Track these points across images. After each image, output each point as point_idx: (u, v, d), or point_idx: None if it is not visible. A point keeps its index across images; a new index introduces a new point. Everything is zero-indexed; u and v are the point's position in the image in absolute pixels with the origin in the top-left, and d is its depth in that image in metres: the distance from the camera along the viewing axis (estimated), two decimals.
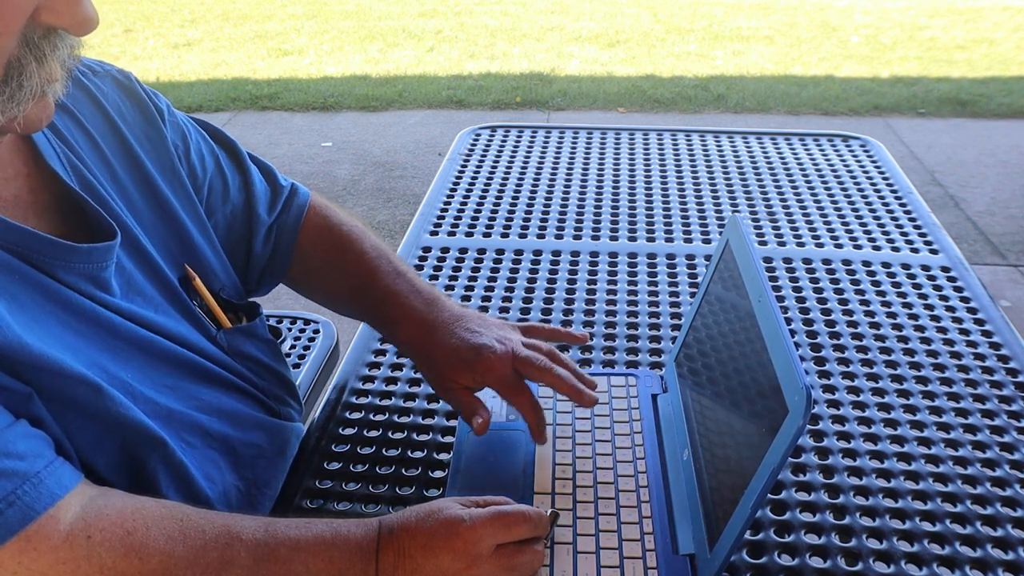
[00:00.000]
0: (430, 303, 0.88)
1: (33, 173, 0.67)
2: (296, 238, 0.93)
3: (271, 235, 0.92)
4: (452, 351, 0.83)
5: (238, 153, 0.91)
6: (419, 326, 0.86)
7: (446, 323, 0.85)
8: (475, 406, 0.82)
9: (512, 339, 0.84)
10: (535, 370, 0.81)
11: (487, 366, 0.81)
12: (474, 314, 0.88)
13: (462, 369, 0.82)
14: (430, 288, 0.90)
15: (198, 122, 0.89)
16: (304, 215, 0.94)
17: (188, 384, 0.74)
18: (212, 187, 0.86)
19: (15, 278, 0.61)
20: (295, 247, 0.93)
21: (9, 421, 0.57)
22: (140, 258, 0.73)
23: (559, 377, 0.81)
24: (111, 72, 0.80)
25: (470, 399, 0.83)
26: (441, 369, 0.84)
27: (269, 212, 0.92)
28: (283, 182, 0.95)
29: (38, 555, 0.55)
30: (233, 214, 0.89)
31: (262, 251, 0.91)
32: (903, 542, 0.76)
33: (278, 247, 0.93)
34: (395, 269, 0.91)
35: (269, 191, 0.93)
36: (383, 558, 0.64)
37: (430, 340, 0.85)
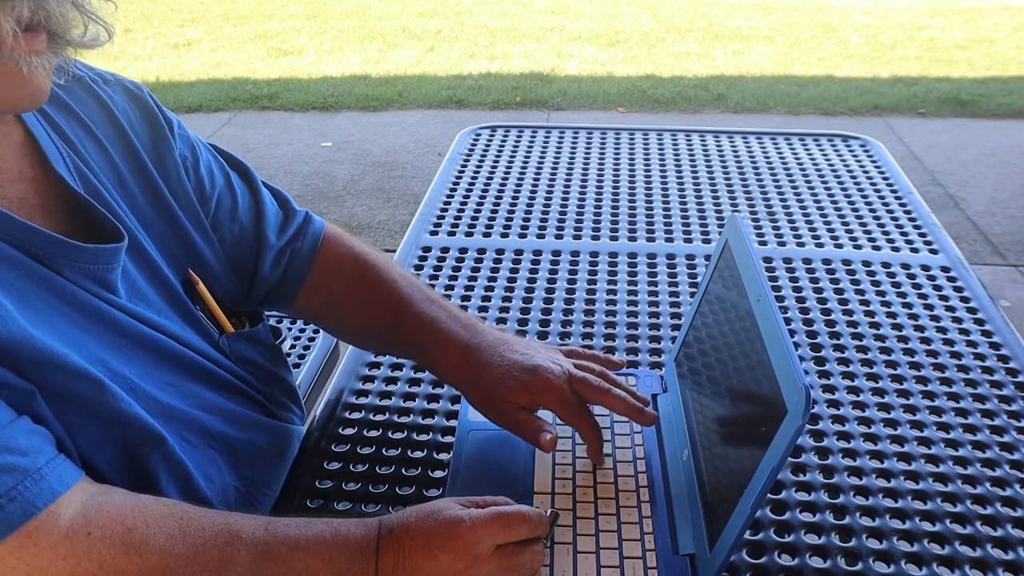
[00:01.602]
0: (470, 328, 0.86)
1: (39, 176, 0.67)
2: (311, 266, 0.91)
3: (282, 259, 0.89)
4: (505, 373, 0.81)
5: (250, 176, 0.90)
6: (463, 352, 0.84)
7: (492, 346, 0.84)
8: (539, 423, 0.79)
9: (563, 361, 0.83)
10: (594, 391, 0.80)
11: (545, 386, 0.79)
12: (517, 337, 0.86)
13: (518, 390, 0.80)
14: (466, 314, 0.89)
15: (213, 147, 0.89)
16: (320, 243, 0.92)
17: (190, 384, 0.74)
18: (220, 202, 0.85)
19: (21, 273, 0.61)
20: (311, 277, 0.91)
21: (11, 417, 0.57)
22: (143, 262, 0.73)
23: (618, 398, 0.80)
24: (122, 82, 0.80)
25: (531, 418, 0.80)
26: (494, 391, 0.81)
27: (279, 235, 0.90)
28: (297, 209, 0.93)
29: (38, 551, 0.55)
30: (241, 233, 0.87)
31: (270, 274, 0.89)
32: (903, 542, 0.76)
33: (289, 272, 0.90)
34: (428, 297, 0.89)
35: (281, 215, 0.91)
36: (383, 558, 0.64)
37: (476, 364, 0.83)
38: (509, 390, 0.80)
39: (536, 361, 0.81)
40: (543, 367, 0.80)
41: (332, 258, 0.92)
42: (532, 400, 0.80)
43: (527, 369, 0.80)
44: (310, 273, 0.91)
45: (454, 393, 0.95)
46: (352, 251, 0.93)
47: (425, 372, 0.99)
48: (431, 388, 0.96)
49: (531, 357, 0.82)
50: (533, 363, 0.81)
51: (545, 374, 0.80)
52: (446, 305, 0.89)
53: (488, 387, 0.82)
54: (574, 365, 0.83)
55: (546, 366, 0.81)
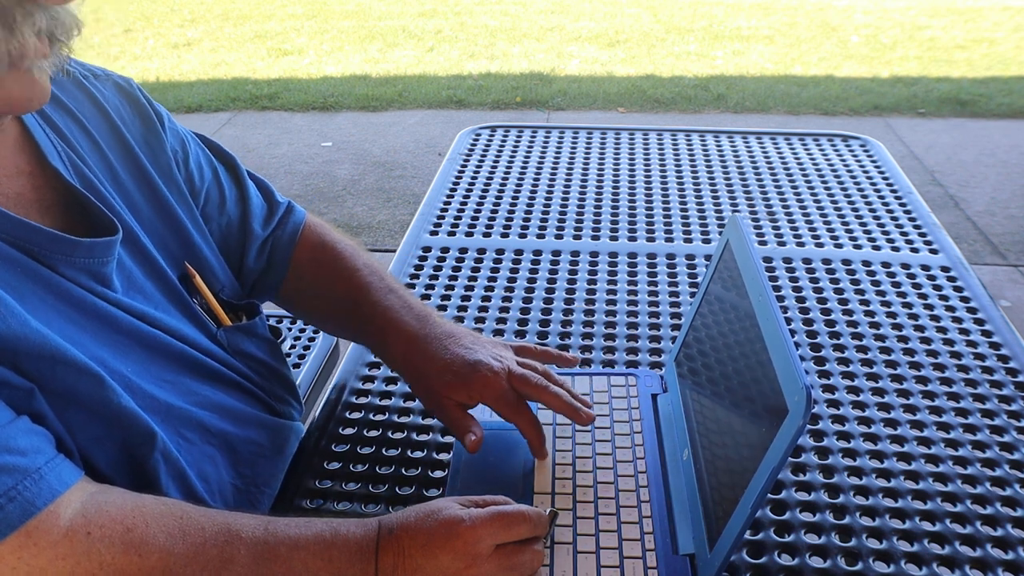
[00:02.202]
0: (422, 319, 0.87)
1: (35, 171, 0.67)
2: (291, 254, 0.93)
3: (264, 249, 0.92)
4: (445, 366, 0.81)
5: (236, 168, 0.92)
6: (410, 341, 0.85)
7: (438, 338, 0.84)
8: (468, 423, 0.80)
9: (506, 357, 0.83)
10: (531, 388, 0.80)
11: (483, 382, 0.80)
12: (466, 331, 0.87)
13: (456, 385, 0.80)
14: (422, 305, 0.89)
15: (198, 136, 0.90)
16: (300, 232, 0.94)
17: (188, 380, 0.74)
18: (209, 196, 0.87)
19: (17, 271, 0.61)
20: (292, 266, 0.93)
21: (11, 417, 0.57)
22: (140, 256, 0.73)
23: (555, 395, 0.81)
24: (112, 77, 0.80)
25: (462, 416, 0.81)
26: (433, 385, 0.82)
27: (264, 227, 0.92)
28: (280, 199, 0.95)
29: (38, 551, 0.55)
30: (228, 226, 0.89)
31: (255, 265, 0.91)
32: (903, 542, 0.76)
33: (272, 262, 0.92)
34: (387, 286, 0.90)
35: (265, 207, 0.93)
36: (383, 558, 0.64)
37: (422, 355, 0.83)
38: (448, 385, 0.81)
39: (477, 356, 0.81)
40: (483, 363, 0.81)
41: (306, 246, 0.94)
42: (469, 395, 0.81)
43: (468, 364, 0.81)
44: (291, 262, 0.93)
45: None
46: (323, 239, 0.95)
47: None
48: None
49: (474, 352, 0.82)
50: (474, 358, 0.81)
51: (483, 370, 0.80)
52: (404, 296, 0.90)
53: (428, 379, 0.82)
54: (518, 362, 0.83)
55: (486, 362, 0.81)
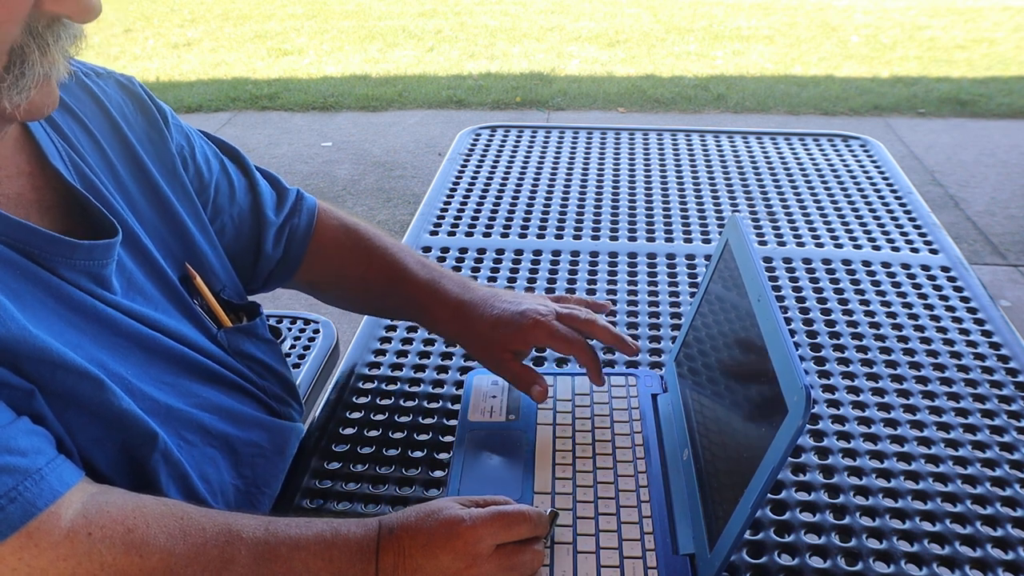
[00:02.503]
0: (462, 285, 0.92)
1: (36, 171, 0.67)
2: (309, 240, 0.95)
3: (282, 237, 0.93)
4: (496, 321, 0.87)
5: (242, 160, 0.93)
6: (457, 308, 0.90)
7: (483, 299, 0.90)
8: (531, 375, 0.86)
9: (549, 304, 0.89)
10: (580, 323, 0.86)
11: (534, 325, 0.85)
12: (506, 290, 0.94)
13: (510, 336, 0.86)
14: (458, 274, 0.95)
15: (202, 133, 0.91)
16: (316, 218, 0.96)
17: (188, 382, 0.74)
18: (219, 188, 0.87)
19: (17, 273, 0.61)
20: (309, 251, 0.95)
21: (11, 418, 0.57)
22: (141, 256, 0.73)
23: (604, 327, 0.87)
24: (114, 75, 0.80)
25: (524, 368, 0.87)
26: (489, 341, 0.87)
27: (277, 214, 0.93)
28: (288, 187, 0.97)
29: (39, 551, 0.55)
30: (241, 216, 0.90)
31: (273, 252, 0.93)
32: (903, 542, 0.76)
33: (289, 250, 0.94)
34: (418, 261, 0.95)
35: (275, 195, 0.95)
36: (383, 558, 0.64)
37: (472, 317, 0.89)
38: (502, 337, 0.86)
39: (524, 306, 0.87)
40: (531, 309, 0.86)
41: (327, 231, 0.97)
42: (525, 341, 0.86)
43: (517, 313, 0.86)
44: (309, 247, 0.95)
45: (454, 393, 0.95)
46: (343, 222, 0.98)
47: (425, 372, 0.99)
48: (431, 388, 0.96)
49: (519, 304, 0.88)
50: (522, 308, 0.87)
51: (532, 315, 0.86)
52: (437, 267, 0.96)
53: (482, 337, 0.88)
54: (560, 306, 0.89)
55: (533, 308, 0.87)
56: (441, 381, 0.97)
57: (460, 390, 0.95)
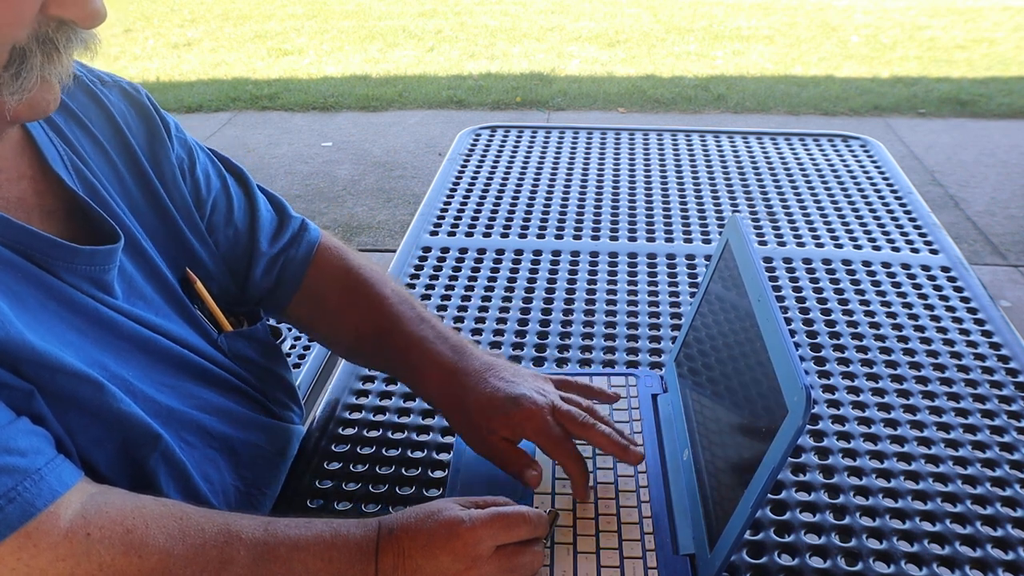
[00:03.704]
0: (458, 350, 0.84)
1: (38, 176, 0.67)
2: (304, 275, 0.90)
3: (274, 267, 0.88)
4: (487, 400, 0.78)
5: (247, 181, 0.89)
6: (448, 374, 0.81)
7: (477, 371, 0.81)
8: (524, 458, 0.77)
9: (548, 391, 0.81)
10: (577, 426, 0.77)
11: (526, 416, 0.76)
12: (505, 363, 0.84)
13: (499, 419, 0.77)
14: (456, 335, 0.86)
15: (211, 151, 0.88)
16: (314, 252, 0.90)
17: (188, 384, 0.74)
18: (216, 206, 0.85)
19: (18, 276, 0.61)
20: (304, 286, 0.90)
21: (11, 418, 0.57)
22: (142, 261, 0.73)
23: (602, 434, 0.77)
24: (120, 83, 0.80)
25: (512, 451, 0.78)
26: (475, 419, 0.79)
27: (272, 243, 0.89)
28: (293, 215, 0.92)
29: (38, 552, 0.55)
30: (235, 237, 0.86)
31: (261, 281, 0.88)
32: (903, 542, 0.76)
33: (281, 281, 0.89)
34: (418, 315, 0.87)
35: (276, 221, 0.90)
36: (383, 559, 0.64)
37: (460, 389, 0.80)
38: (490, 419, 0.78)
39: (520, 390, 0.78)
40: (527, 396, 0.78)
41: (326, 267, 0.91)
42: (513, 432, 0.77)
43: (510, 398, 0.78)
44: (303, 281, 0.90)
45: None
46: (346, 262, 0.91)
47: None
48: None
49: (516, 386, 0.79)
50: (517, 392, 0.78)
51: (528, 404, 0.77)
52: (436, 325, 0.87)
53: (469, 413, 0.79)
54: (561, 397, 0.81)
55: (530, 396, 0.78)
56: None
57: None
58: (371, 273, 0.91)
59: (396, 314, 0.86)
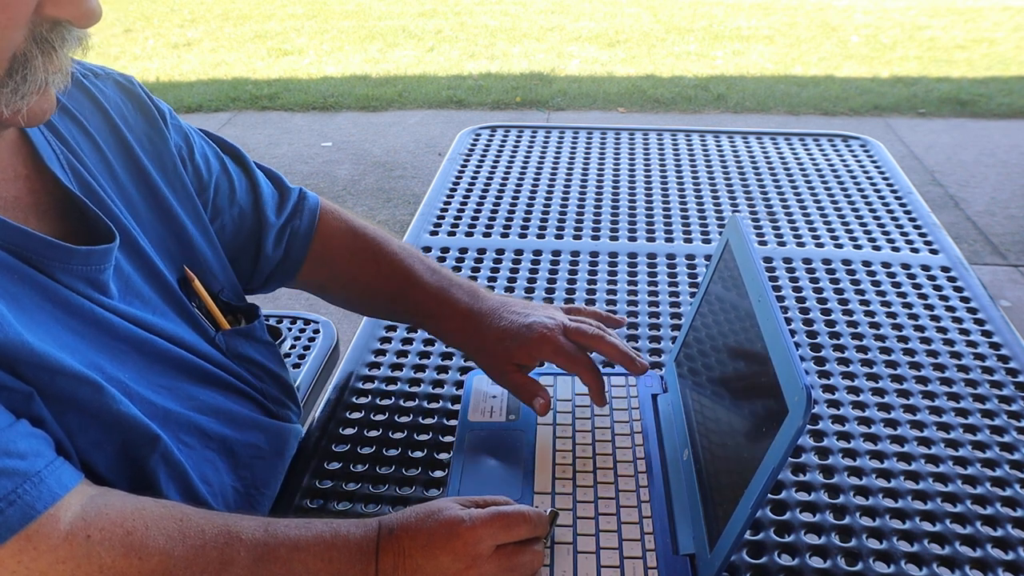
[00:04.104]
0: (472, 294, 0.91)
1: (33, 175, 0.67)
2: (311, 242, 0.94)
3: (282, 238, 0.92)
4: (503, 333, 0.85)
5: (243, 159, 0.92)
6: (466, 317, 0.89)
7: (493, 310, 0.88)
8: (534, 388, 0.84)
9: (559, 316, 0.87)
10: (587, 338, 0.84)
11: (540, 339, 0.83)
12: (517, 299, 0.91)
13: (515, 349, 0.84)
14: (468, 281, 0.93)
15: (203, 131, 0.90)
16: (317, 219, 0.95)
17: (186, 385, 0.74)
18: (218, 188, 0.86)
19: (14, 278, 0.61)
20: (314, 252, 0.94)
21: (10, 420, 0.57)
22: (139, 260, 0.73)
23: (611, 344, 0.84)
24: (112, 75, 0.80)
25: (527, 380, 0.85)
26: (495, 353, 0.86)
27: (278, 215, 0.92)
28: (290, 186, 0.96)
29: (38, 554, 0.55)
30: (241, 216, 0.89)
31: (273, 253, 0.91)
32: (903, 542, 0.76)
33: (291, 250, 0.93)
34: (429, 267, 0.94)
35: (276, 194, 0.93)
36: (383, 558, 0.64)
37: (480, 327, 0.87)
38: (507, 350, 0.85)
39: (533, 318, 0.85)
40: (539, 322, 0.85)
41: (330, 232, 0.95)
42: (530, 355, 0.84)
43: (523, 326, 0.85)
44: (310, 249, 0.94)
45: (454, 393, 0.95)
46: (349, 225, 0.96)
47: (425, 372, 0.99)
48: (431, 388, 0.96)
49: (528, 316, 0.86)
50: (530, 320, 0.85)
51: (539, 328, 0.84)
52: (448, 274, 0.94)
53: (489, 349, 0.86)
54: (570, 318, 0.87)
55: (542, 321, 0.85)
56: (441, 381, 0.97)
57: (460, 390, 0.95)
58: (376, 232, 0.97)
59: (409, 268, 0.93)
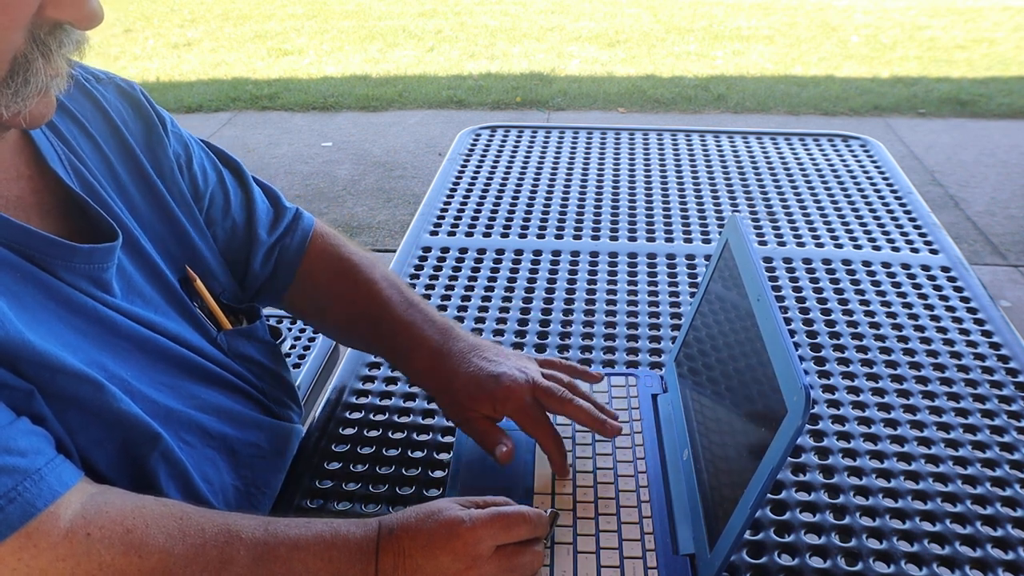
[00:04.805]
0: (444, 332, 0.86)
1: (35, 175, 0.67)
2: (300, 263, 0.92)
3: (271, 256, 0.91)
4: (470, 379, 0.81)
5: (242, 173, 0.91)
6: (434, 356, 0.84)
7: (462, 352, 0.84)
8: (497, 435, 0.80)
9: (530, 369, 0.83)
10: (555, 401, 0.80)
11: (506, 394, 0.79)
12: (490, 344, 0.86)
13: (481, 398, 0.80)
14: (444, 319, 0.89)
15: (204, 142, 0.89)
16: (308, 240, 0.93)
17: (187, 383, 0.74)
18: (213, 199, 0.86)
19: (17, 276, 0.61)
20: (299, 273, 0.92)
21: (11, 418, 0.57)
22: (140, 259, 0.73)
23: (580, 408, 0.80)
24: (115, 80, 0.80)
25: (490, 428, 0.81)
26: (459, 398, 0.82)
27: (270, 232, 0.91)
28: (287, 205, 0.94)
29: (38, 552, 0.55)
30: (233, 230, 0.88)
31: (260, 270, 0.90)
32: (903, 542, 0.76)
33: (279, 269, 0.91)
34: (407, 299, 0.90)
35: (272, 212, 0.92)
36: (383, 559, 0.64)
37: (445, 369, 0.83)
38: (472, 398, 0.80)
39: (501, 369, 0.81)
40: (506, 374, 0.80)
41: (319, 255, 0.93)
42: (494, 408, 0.80)
43: (491, 376, 0.80)
44: (299, 269, 0.92)
45: None
46: (338, 250, 0.94)
47: None
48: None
49: (498, 365, 0.82)
50: (498, 371, 0.80)
51: (507, 382, 0.79)
52: (424, 309, 0.89)
53: (454, 393, 0.82)
54: (543, 375, 0.82)
55: (510, 374, 0.80)
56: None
57: None
58: (361, 259, 0.94)
59: (385, 299, 0.89)
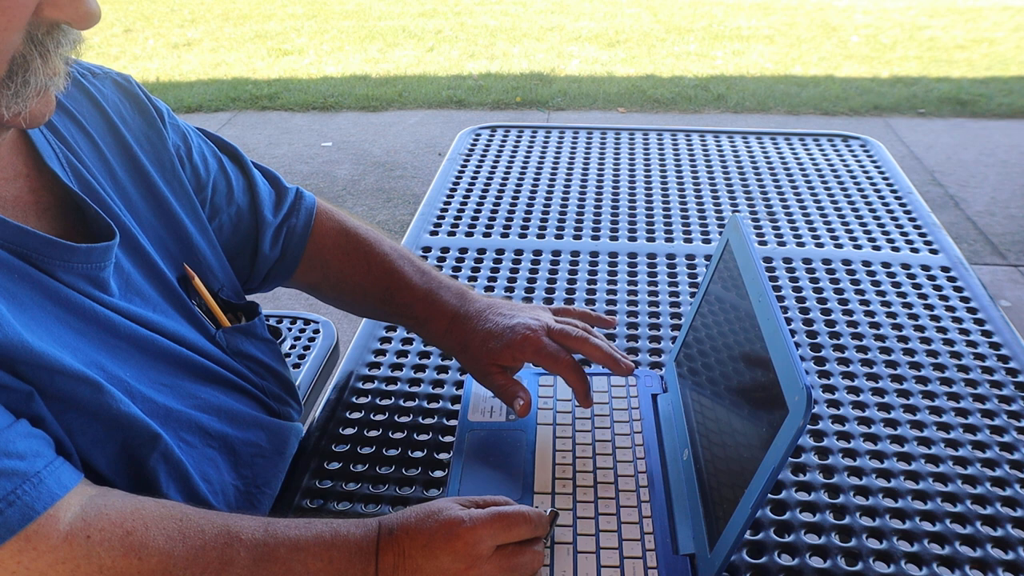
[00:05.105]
0: (460, 296, 0.91)
1: (33, 174, 0.67)
2: (307, 242, 0.94)
3: (279, 237, 0.92)
4: (488, 335, 0.86)
5: (241, 158, 0.92)
6: (452, 319, 0.89)
7: (479, 312, 0.89)
8: (514, 388, 0.84)
9: (544, 316, 0.88)
10: (571, 340, 0.84)
11: (523, 340, 0.83)
12: (504, 301, 0.92)
13: (499, 350, 0.84)
14: (456, 283, 0.94)
15: (201, 130, 0.90)
16: (313, 219, 0.95)
17: (187, 383, 0.74)
18: (216, 187, 0.87)
19: (15, 277, 0.61)
20: (309, 252, 0.94)
21: (9, 421, 0.57)
22: (139, 258, 0.73)
23: (595, 346, 0.84)
24: (111, 75, 0.80)
25: (509, 381, 0.85)
26: (478, 354, 0.86)
27: (275, 214, 0.92)
28: (287, 186, 0.96)
29: (38, 555, 0.55)
30: (239, 215, 0.89)
31: (270, 252, 0.92)
32: (903, 542, 0.76)
33: (287, 249, 0.93)
34: (418, 268, 0.94)
35: (274, 194, 0.94)
36: (383, 559, 0.64)
37: (463, 330, 0.88)
38: (491, 352, 0.85)
39: (517, 320, 0.86)
40: (522, 323, 0.85)
41: (325, 232, 0.95)
42: (513, 356, 0.84)
43: (507, 328, 0.85)
44: (307, 247, 0.94)
45: (454, 393, 0.95)
46: (343, 225, 0.97)
47: (425, 372, 0.99)
48: (431, 388, 0.96)
49: (512, 317, 0.87)
50: (514, 322, 0.85)
51: (522, 330, 0.84)
52: (438, 276, 0.94)
53: (474, 351, 0.87)
54: (556, 320, 0.87)
55: (525, 322, 0.85)
56: (441, 381, 0.97)
57: (460, 390, 0.95)
58: (368, 233, 0.97)
59: (398, 269, 0.93)
